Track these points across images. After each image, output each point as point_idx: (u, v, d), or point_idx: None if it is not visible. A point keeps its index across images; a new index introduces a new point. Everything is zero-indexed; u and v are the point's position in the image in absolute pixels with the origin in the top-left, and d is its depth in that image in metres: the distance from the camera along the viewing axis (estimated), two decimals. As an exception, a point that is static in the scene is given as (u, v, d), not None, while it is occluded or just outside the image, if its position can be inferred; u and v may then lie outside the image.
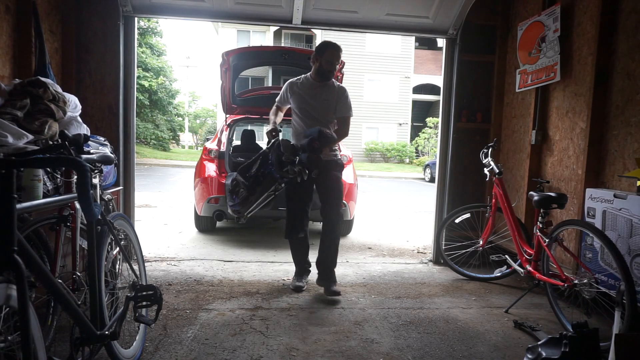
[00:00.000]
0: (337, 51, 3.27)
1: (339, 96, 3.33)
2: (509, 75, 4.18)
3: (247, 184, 3.22)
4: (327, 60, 3.23)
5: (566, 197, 2.95)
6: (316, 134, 3.03)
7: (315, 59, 3.29)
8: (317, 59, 3.28)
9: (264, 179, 3.18)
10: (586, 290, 2.58)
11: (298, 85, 3.37)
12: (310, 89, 3.32)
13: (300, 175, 2.97)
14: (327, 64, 3.24)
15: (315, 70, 3.31)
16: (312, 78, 3.35)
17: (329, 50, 3.25)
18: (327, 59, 3.23)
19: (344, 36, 21.69)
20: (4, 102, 2.43)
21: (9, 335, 1.36)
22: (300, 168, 2.96)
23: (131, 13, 3.75)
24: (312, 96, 3.30)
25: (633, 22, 2.85)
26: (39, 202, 1.68)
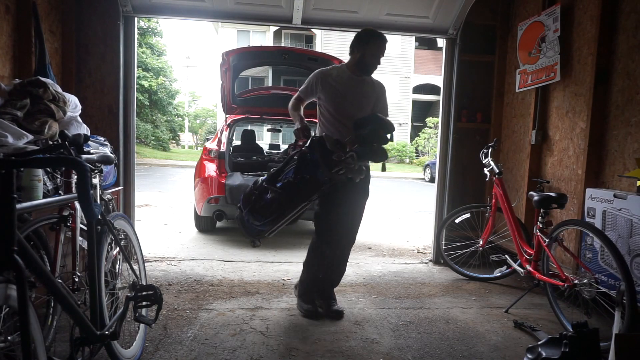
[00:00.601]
0: (384, 43, 2.82)
1: (380, 93, 2.95)
2: (509, 75, 4.18)
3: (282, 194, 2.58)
4: (371, 52, 2.80)
5: (566, 197, 2.95)
6: (378, 121, 2.62)
7: (356, 49, 2.84)
8: (358, 50, 2.83)
9: (304, 185, 2.58)
10: (586, 290, 2.58)
11: (333, 77, 2.87)
12: (349, 82, 2.86)
13: (359, 173, 2.59)
14: (372, 57, 2.81)
15: (355, 62, 2.86)
16: (350, 70, 2.90)
17: (375, 41, 2.80)
18: (372, 51, 2.80)
19: (344, 36, 21.69)
20: (4, 102, 2.43)
21: (9, 335, 1.36)
22: (360, 165, 2.57)
23: (131, 13, 3.75)
24: (350, 91, 2.87)
25: (633, 22, 2.85)
26: (39, 202, 1.68)
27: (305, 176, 2.56)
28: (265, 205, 2.61)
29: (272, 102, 5.98)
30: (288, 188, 2.57)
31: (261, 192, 2.65)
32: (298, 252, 4.57)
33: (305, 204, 2.65)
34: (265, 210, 2.61)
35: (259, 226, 2.67)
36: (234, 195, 4.63)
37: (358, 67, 2.86)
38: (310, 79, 2.92)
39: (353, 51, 2.87)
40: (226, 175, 4.86)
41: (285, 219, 2.67)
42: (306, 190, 2.59)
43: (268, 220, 2.63)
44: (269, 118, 6.11)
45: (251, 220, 2.66)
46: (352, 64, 2.89)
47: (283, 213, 2.61)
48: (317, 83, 2.87)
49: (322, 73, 2.90)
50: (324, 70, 2.94)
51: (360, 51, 2.82)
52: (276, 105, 5.94)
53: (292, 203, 2.60)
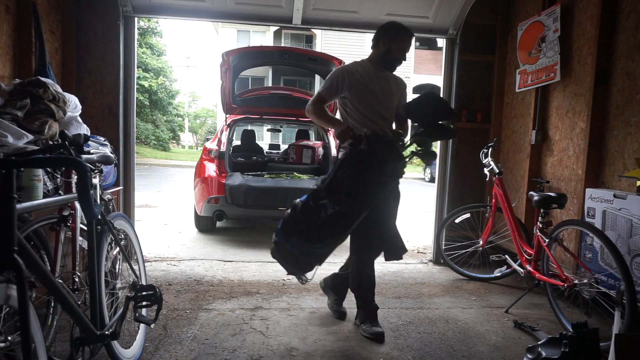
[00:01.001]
0: (412, 39, 2.68)
1: (403, 91, 2.81)
2: (509, 75, 4.18)
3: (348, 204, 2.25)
4: (398, 47, 2.63)
5: (566, 197, 2.95)
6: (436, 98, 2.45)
7: (382, 43, 2.65)
8: (384, 43, 2.64)
9: (373, 187, 2.31)
10: (586, 290, 2.58)
11: (359, 73, 2.67)
12: (376, 79, 2.69)
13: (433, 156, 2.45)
14: (398, 52, 2.65)
15: (380, 56, 2.67)
16: (373, 65, 2.71)
17: (404, 35, 2.63)
18: (399, 46, 2.63)
19: (344, 36, 21.72)
20: (4, 102, 2.43)
21: (9, 335, 1.36)
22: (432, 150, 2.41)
23: (131, 13, 3.75)
24: (378, 88, 2.68)
25: (633, 22, 2.86)
26: (39, 202, 1.68)
27: (371, 175, 2.29)
28: (327, 221, 2.26)
29: (272, 102, 5.98)
30: (356, 193, 2.27)
31: (317, 209, 2.30)
32: (298, 252, 4.57)
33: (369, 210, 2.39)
34: (327, 229, 2.28)
35: (320, 249, 2.35)
36: (234, 195, 4.63)
37: (382, 62, 2.69)
38: (333, 77, 2.69)
39: (378, 44, 2.67)
40: (226, 175, 4.86)
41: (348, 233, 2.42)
42: (374, 192, 2.34)
43: (330, 240, 2.34)
44: (269, 118, 6.11)
45: (307, 248, 2.33)
46: (376, 58, 2.71)
47: (349, 226, 2.35)
48: (342, 81, 2.66)
49: (347, 70, 2.70)
50: (347, 67, 2.75)
51: (386, 44, 2.63)
52: (276, 105, 5.95)
53: (360, 211, 2.34)
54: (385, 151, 2.29)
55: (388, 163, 2.29)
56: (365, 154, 2.29)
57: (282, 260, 2.46)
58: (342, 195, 2.27)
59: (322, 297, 3.19)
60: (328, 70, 5.56)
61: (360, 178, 2.27)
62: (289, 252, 2.38)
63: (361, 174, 2.27)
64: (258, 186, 4.69)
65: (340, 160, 2.40)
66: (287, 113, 5.98)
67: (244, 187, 4.64)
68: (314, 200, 2.33)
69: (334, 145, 5.44)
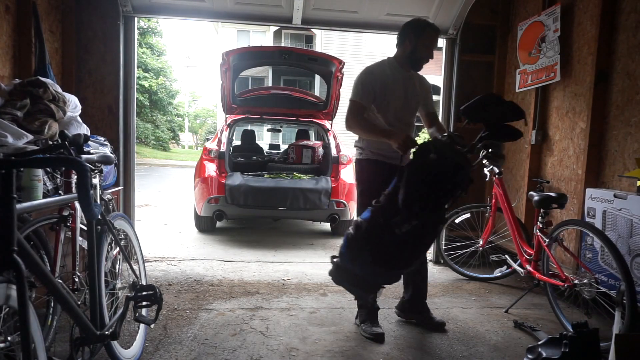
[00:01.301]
0: (438, 35, 2.56)
1: (428, 91, 2.69)
2: (509, 75, 4.18)
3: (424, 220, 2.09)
4: (425, 44, 2.51)
5: (566, 197, 2.94)
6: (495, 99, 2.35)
7: (408, 40, 2.52)
8: (410, 41, 2.51)
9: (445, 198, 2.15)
10: (586, 290, 2.58)
11: (387, 75, 2.54)
12: (402, 79, 2.57)
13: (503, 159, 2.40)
14: (425, 50, 2.52)
15: (406, 54, 2.55)
16: (399, 64, 2.59)
17: (430, 31, 2.52)
18: (425, 43, 2.51)
19: (343, 36, 21.71)
20: (4, 102, 2.43)
21: (9, 335, 1.36)
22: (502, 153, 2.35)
23: (131, 13, 3.75)
24: (404, 90, 2.56)
25: (633, 22, 2.85)
26: (39, 202, 1.68)
27: (444, 185, 2.12)
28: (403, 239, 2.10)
29: (272, 102, 5.99)
30: (431, 206, 2.11)
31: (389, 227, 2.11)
32: (298, 252, 4.57)
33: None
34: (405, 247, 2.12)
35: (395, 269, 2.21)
36: (234, 195, 4.63)
37: (409, 61, 2.56)
38: (365, 80, 2.52)
39: (403, 42, 2.54)
40: (226, 175, 4.86)
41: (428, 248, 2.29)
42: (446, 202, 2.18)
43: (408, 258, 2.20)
44: (269, 118, 6.12)
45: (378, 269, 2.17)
46: (402, 56, 2.57)
47: (429, 242, 2.23)
48: (375, 82, 2.51)
49: (376, 71, 2.54)
50: (375, 68, 2.58)
51: (412, 42, 2.50)
52: (276, 105, 5.95)
53: (437, 224, 2.21)
54: (458, 157, 2.16)
55: (463, 169, 2.13)
56: (435, 163, 2.10)
57: (347, 285, 2.33)
58: (415, 209, 2.09)
59: (322, 297, 3.19)
60: (328, 70, 5.57)
61: (433, 189, 2.10)
62: (356, 275, 2.22)
63: (434, 184, 2.10)
64: (258, 186, 4.69)
65: (408, 173, 2.16)
66: (287, 113, 5.99)
67: (244, 187, 4.64)
68: (383, 218, 2.14)
69: (334, 145, 5.44)
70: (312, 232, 5.73)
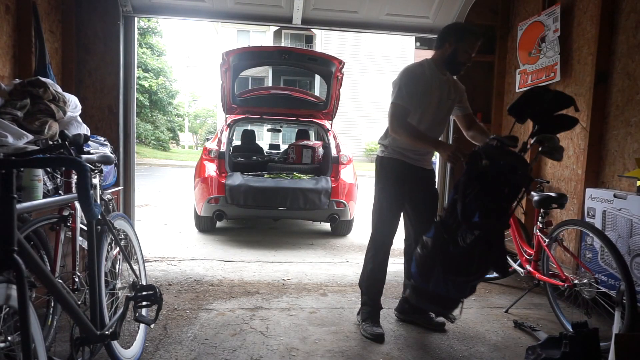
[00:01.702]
0: (479, 40, 2.47)
1: (462, 95, 2.66)
2: (509, 75, 4.18)
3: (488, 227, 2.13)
4: (465, 49, 2.44)
5: (566, 197, 2.94)
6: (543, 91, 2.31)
7: (449, 44, 2.45)
8: (451, 43, 2.44)
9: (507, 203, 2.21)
10: (586, 290, 2.58)
11: (427, 77, 2.48)
12: (439, 83, 2.50)
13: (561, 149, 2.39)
14: (465, 54, 2.45)
15: (445, 57, 2.48)
16: (437, 67, 2.53)
17: (472, 36, 2.44)
18: (466, 48, 2.44)
19: (344, 36, 21.73)
20: (4, 102, 2.43)
21: (9, 335, 1.36)
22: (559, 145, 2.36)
23: (131, 13, 3.75)
24: (439, 93, 2.51)
25: (633, 22, 2.86)
26: (39, 202, 1.68)
27: (502, 189, 2.15)
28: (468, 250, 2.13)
29: (272, 102, 5.98)
30: (491, 213, 2.12)
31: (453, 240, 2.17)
32: (298, 252, 4.57)
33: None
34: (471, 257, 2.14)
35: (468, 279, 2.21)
36: (234, 195, 4.63)
37: (447, 64, 2.50)
38: (407, 82, 2.44)
39: (443, 44, 2.47)
40: (226, 175, 4.86)
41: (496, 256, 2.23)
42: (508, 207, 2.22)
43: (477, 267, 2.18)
44: (269, 118, 6.12)
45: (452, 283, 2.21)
46: (440, 60, 2.50)
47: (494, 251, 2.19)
48: (417, 85, 2.44)
49: (417, 72, 2.48)
50: (415, 68, 2.50)
51: (453, 45, 2.43)
52: (276, 105, 5.95)
53: (500, 230, 2.21)
54: (511, 158, 2.15)
55: (518, 170, 2.13)
56: (489, 169, 2.13)
57: (427, 304, 2.39)
58: (476, 219, 2.13)
59: (322, 297, 3.19)
60: (328, 70, 5.57)
61: (491, 196, 2.12)
62: (434, 293, 2.27)
63: (491, 191, 2.12)
64: (258, 186, 4.69)
65: (463, 184, 2.21)
66: (287, 113, 5.99)
67: (244, 187, 4.64)
68: (447, 232, 2.20)
69: (334, 145, 5.44)
70: (312, 232, 5.73)
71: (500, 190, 2.14)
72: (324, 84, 6.20)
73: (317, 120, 6.02)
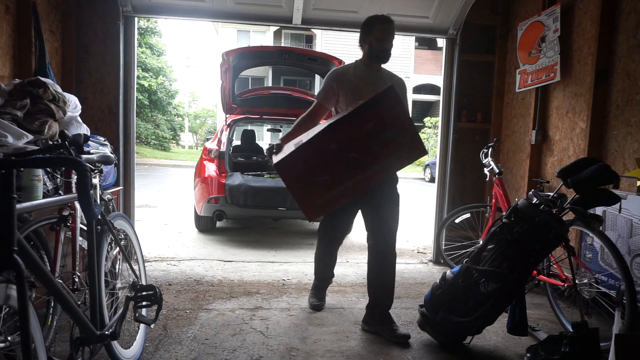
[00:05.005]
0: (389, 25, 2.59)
1: (401, 87, 2.66)
2: (509, 75, 4.18)
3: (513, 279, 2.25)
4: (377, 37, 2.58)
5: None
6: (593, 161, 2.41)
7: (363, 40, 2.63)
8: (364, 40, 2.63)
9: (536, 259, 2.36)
10: (586, 290, 2.58)
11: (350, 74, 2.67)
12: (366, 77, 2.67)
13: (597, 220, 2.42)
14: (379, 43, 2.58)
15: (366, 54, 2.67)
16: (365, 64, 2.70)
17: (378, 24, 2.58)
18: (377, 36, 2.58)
19: (344, 36, 21.69)
20: (4, 102, 2.43)
21: (9, 335, 1.36)
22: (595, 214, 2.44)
23: (131, 13, 3.75)
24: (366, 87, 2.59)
25: (633, 22, 2.86)
26: (39, 202, 1.68)
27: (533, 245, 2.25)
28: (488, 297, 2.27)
29: (272, 102, 5.98)
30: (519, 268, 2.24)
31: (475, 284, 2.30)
32: (298, 252, 4.57)
33: None
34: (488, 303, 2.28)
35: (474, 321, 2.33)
36: (234, 195, 4.63)
37: (370, 59, 2.64)
38: (327, 81, 2.67)
39: (362, 43, 2.65)
40: (226, 175, 4.86)
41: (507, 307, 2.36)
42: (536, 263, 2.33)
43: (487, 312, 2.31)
44: (269, 118, 6.12)
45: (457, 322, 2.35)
46: (364, 57, 2.67)
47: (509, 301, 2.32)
48: (333, 82, 2.63)
49: (337, 72, 2.69)
50: (338, 69, 2.75)
51: (367, 41, 2.60)
52: (276, 105, 5.95)
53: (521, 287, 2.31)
54: (546, 217, 2.24)
55: (552, 229, 2.24)
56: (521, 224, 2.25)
57: (432, 332, 2.49)
58: (503, 270, 2.23)
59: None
60: (328, 70, 5.56)
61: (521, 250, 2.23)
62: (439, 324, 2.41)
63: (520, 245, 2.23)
64: (258, 186, 4.69)
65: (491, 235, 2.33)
66: (287, 113, 5.99)
67: (244, 187, 4.64)
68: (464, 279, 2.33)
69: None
70: (312, 232, 5.72)
71: (532, 246, 2.23)
72: (324, 84, 6.19)
73: None
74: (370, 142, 2.29)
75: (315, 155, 2.29)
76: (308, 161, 2.30)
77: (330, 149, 2.28)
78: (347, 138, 2.29)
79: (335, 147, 2.28)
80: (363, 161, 2.30)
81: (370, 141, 2.28)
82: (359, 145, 2.29)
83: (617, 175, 2.40)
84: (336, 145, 2.28)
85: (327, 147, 2.28)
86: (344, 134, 2.29)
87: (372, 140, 2.28)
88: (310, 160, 2.30)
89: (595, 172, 2.32)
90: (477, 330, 2.41)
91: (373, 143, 2.29)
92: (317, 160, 2.30)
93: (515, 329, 2.33)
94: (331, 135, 2.29)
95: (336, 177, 2.32)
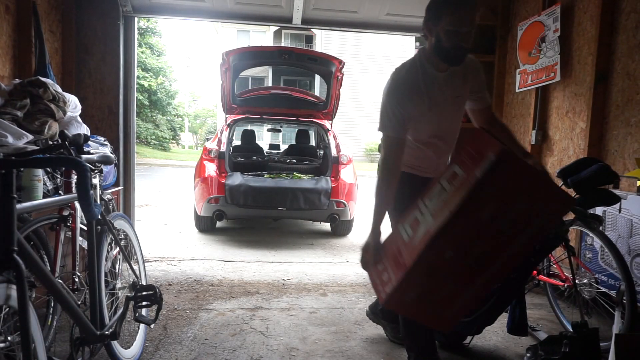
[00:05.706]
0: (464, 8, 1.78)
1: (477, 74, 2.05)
2: (509, 75, 4.18)
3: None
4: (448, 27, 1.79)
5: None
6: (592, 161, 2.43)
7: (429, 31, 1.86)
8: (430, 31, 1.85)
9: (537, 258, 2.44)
10: (586, 290, 2.58)
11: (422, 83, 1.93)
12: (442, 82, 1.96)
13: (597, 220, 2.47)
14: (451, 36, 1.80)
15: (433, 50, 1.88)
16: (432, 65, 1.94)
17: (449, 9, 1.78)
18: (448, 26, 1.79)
19: (344, 36, 21.73)
20: (4, 102, 2.43)
21: (9, 335, 1.36)
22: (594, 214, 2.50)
23: (131, 13, 3.75)
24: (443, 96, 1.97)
25: (633, 22, 2.85)
26: (39, 202, 1.68)
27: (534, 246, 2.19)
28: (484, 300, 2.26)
29: (272, 102, 5.99)
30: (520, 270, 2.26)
31: None
32: (298, 252, 4.57)
33: None
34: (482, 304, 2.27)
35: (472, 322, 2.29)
36: (234, 195, 4.63)
37: (440, 57, 1.88)
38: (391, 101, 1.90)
39: (426, 35, 1.89)
40: (226, 175, 4.86)
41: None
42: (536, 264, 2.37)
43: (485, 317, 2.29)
44: (269, 118, 6.12)
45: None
46: (430, 54, 1.90)
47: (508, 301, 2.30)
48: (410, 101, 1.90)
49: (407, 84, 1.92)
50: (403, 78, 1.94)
51: (434, 32, 1.83)
52: (276, 105, 5.95)
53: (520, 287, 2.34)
54: None
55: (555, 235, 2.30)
56: None
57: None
58: None
59: (322, 297, 3.19)
60: (328, 70, 5.57)
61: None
62: None
63: None
64: (258, 186, 4.69)
65: None
66: (287, 113, 5.99)
67: (244, 187, 4.64)
68: None
69: (334, 145, 5.44)
70: (312, 232, 5.73)
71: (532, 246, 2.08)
72: (324, 84, 6.20)
73: (317, 120, 6.02)
74: (494, 227, 1.69)
75: (426, 276, 1.75)
76: (420, 286, 1.77)
77: (444, 259, 1.72)
78: (461, 238, 1.70)
79: (451, 255, 1.72)
80: (491, 252, 1.75)
81: (495, 227, 1.69)
82: (479, 238, 1.72)
83: (617, 175, 2.41)
84: (451, 253, 1.72)
85: (439, 261, 1.72)
86: (456, 237, 1.69)
87: (497, 225, 1.69)
88: (423, 285, 1.77)
89: (595, 172, 2.33)
90: (477, 330, 2.40)
91: (498, 227, 1.70)
92: (429, 280, 1.76)
93: (515, 329, 2.32)
94: (440, 246, 1.69)
95: (460, 282, 1.80)
